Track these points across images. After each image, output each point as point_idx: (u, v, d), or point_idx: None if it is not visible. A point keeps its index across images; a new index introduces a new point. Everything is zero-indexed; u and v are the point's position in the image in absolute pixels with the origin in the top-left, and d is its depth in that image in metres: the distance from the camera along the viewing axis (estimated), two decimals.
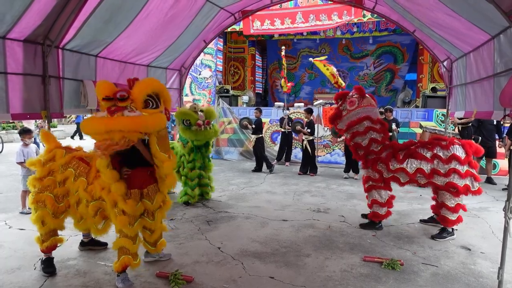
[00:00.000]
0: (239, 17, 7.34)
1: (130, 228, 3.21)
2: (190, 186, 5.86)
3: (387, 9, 6.29)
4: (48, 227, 3.47)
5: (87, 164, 3.44)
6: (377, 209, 4.66)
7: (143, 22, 5.15)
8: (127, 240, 3.23)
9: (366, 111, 4.55)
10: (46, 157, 3.52)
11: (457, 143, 4.37)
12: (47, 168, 3.45)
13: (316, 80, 15.07)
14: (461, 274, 3.60)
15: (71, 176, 3.40)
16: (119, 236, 3.27)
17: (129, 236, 3.23)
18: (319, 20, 9.81)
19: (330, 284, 3.36)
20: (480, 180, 4.36)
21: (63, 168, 3.43)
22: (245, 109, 11.06)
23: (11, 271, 3.57)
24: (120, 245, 3.23)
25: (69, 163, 3.45)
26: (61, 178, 3.42)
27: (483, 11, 3.38)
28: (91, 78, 5.04)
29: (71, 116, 23.99)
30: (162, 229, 3.70)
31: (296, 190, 7.04)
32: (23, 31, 3.86)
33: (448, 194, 4.32)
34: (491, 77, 3.99)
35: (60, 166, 3.45)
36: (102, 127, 2.88)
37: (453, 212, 4.34)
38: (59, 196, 3.43)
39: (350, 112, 4.60)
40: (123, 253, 3.23)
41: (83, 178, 3.36)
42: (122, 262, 3.21)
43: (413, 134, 9.24)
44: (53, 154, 3.53)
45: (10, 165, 9.11)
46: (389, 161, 4.48)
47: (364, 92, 4.68)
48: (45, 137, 3.67)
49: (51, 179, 3.43)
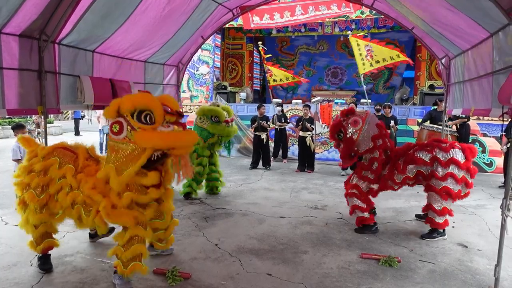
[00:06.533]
0: (237, 13, 7.29)
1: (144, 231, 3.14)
2: (197, 180, 5.98)
3: (386, 5, 6.27)
4: (39, 231, 3.38)
5: (72, 153, 3.35)
6: (360, 214, 4.56)
7: (140, 17, 5.11)
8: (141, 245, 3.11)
9: (370, 121, 4.48)
10: (27, 157, 3.41)
11: (457, 146, 4.31)
12: (28, 166, 3.34)
13: (314, 77, 15.06)
14: (458, 271, 3.61)
15: (55, 163, 3.26)
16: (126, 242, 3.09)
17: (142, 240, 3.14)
18: (319, 10, 9.79)
19: (327, 281, 3.37)
20: (472, 187, 4.31)
21: (44, 159, 3.30)
22: (242, 106, 11.03)
23: (8, 267, 3.55)
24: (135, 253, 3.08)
25: (51, 153, 3.33)
26: (41, 167, 3.26)
27: (482, 8, 3.36)
28: (88, 73, 5.00)
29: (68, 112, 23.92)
30: (174, 223, 3.76)
31: (294, 187, 7.05)
32: (19, 26, 3.81)
33: (437, 196, 4.27)
34: (489, 75, 3.99)
35: (40, 159, 3.31)
36: (190, 138, 3.05)
37: (440, 215, 4.28)
38: (39, 186, 3.26)
39: (361, 132, 4.42)
40: (135, 259, 3.09)
41: (71, 165, 3.26)
42: (133, 269, 3.08)
43: (411, 131, 9.26)
44: (34, 153, 3.40)
45: (6, 161, 9.05)
46: (393, 176, 4.44)
47: (354, 109, 4.69)
48: (24, 142, 3.51)
49: (31, 175, 3.29)
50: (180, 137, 2.96)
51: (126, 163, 2.92)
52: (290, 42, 14.86)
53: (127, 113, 2.90)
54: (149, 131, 2.87)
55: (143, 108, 2.88)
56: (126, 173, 2.91)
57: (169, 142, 2.89)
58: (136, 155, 2.90)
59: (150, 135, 2.86)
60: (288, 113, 10.23)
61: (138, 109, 2.88)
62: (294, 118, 9.83)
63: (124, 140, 2.93)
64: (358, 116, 4.49)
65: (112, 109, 2.95)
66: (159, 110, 2.89)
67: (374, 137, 4.41)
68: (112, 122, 2.97)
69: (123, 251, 3.07)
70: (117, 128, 2.93)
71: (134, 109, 2.88)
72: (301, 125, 8.61)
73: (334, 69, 14.92)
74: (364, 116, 4.49)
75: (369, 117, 4.50)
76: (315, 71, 15.08)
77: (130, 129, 2.90)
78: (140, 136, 2.85)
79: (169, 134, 2.90)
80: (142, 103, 2.89)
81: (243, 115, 10.63)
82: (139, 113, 2.88)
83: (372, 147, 4.42)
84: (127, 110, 2.90)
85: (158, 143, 2.88)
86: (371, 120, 4.49)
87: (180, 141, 2.94)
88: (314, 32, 12.98)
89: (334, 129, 4.68)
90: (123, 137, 2.93)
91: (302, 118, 8.70)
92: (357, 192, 4.54)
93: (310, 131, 8.60)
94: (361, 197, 4.53)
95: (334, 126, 4.70)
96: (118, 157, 2.97)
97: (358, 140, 4.44)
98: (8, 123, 15.95)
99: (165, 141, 2.88)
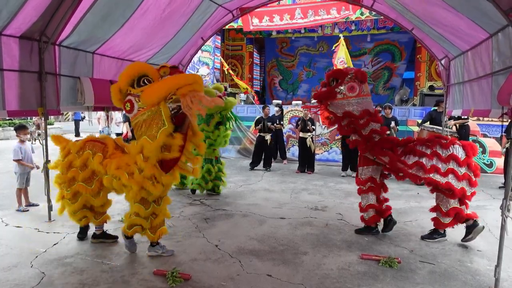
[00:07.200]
0: (237, 14, 7.31)
1: (144, 211, 3.54)
2: (206, 180, 6.14)
3: (386, 6, 6.28)
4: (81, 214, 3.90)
5: (101, 143, 3.72)
6: (373, 213, 4.48)
7: (140, 19, 5.13)
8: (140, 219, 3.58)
9: (366, 101, 4.29)
10: (62, 154, 3.79)
11: (457, 143, 4.20)
12: (66, 162, 3.71)
13: (314, 78, 15.08)
14: (458, 271, 3.61)
15: (89, 156, 3.64)
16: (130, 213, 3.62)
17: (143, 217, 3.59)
18: (318, 15, 9.82)
19: (327, 282, 3.37)
20: (476, 185, 4.18)
21: (78, 155, 3.68)
22: (242, 107, 11.04)
23: (8, 268, 3.54)
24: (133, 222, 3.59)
25: (84, 147, 3.70)
26: (81, 162, 3.66)
27: (482, 9, 3.38)
28: (88, 75, 5.02)
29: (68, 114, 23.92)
30: (166, 215, 3.87)
31: (294, 188, 7.04)
32: (20, 27, 3.83)
33: (443, 197, 4.20)
34: (489, 76, 3.99)
35: (75, 154, 3.69)
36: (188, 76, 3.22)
37: (446, 216, 4.21)
38: (87, 179, 3.71)
39: (349, 99, 4.20)
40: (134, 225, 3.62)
41: (100, 153, 3.61)
42: (134, 231, 3.64)
43: (411, 132, 9.26)
44: (68, 149, 3.76)
45: (7, 162, 9.05)
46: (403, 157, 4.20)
47: (366, 78, 4.29)
48: (54, 140, 3.92)
49: (74, 171, 3.68)
50: (178, 77, 3.14)
51: (152, 128, 3.19)
52: (290, 43, 14.88)
53: (129, 88, 3.20)
54: (150, 88, 3.13)
55: (138, 74, 3.17)
56: (159, 135, 3.16)
57: (169, 85, 3.08)
58: (156, 116, 3.15)
59: (151, 89, 3.11)
60: (288, 114, 10.24)
61: (134, 78, 3.18)
62: (294, 119, 9.83)
63: (139, 112, 3.22)
64: (358, 85, 4.21)
65: (114, 93, 3.28)
66: (151, 69, 3.19)
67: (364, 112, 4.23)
68: (123, 103, 3.27)
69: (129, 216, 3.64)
70: (129, 106, 3.24)
71: (131, 80, 3.19)
72: (301, 126, 8.63)
73: None
74: (365, 94, 4.25)
75: (368, 97, 4.34)
76: (315, 72, 15.09)
77: (138, 100, 3.19)
78: (145, 96, 3.10)
79: (167, 79, 3.13)
80: (134, 72, 3.20)
81: (243, 116, 10.63)
82: (137, 81, 3.17)
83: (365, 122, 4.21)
84: (126, 85, 3.21)
85: (160, 91, 3.09)
86: (369, 102, 4.34)
87: (179, 79, 3.10)
88: (314, 33, 13.01)
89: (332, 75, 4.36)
90: (138, 110, 3.23)
91: (302, 119, 8.71)
92: (373, 185, 4.40)
93: (310, 132, 8.61)
94: (377, 189, 4.40)
95: (333, 73, 4.40)
96: (143, 129, 3.25)
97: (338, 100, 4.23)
98: (9, 124, 15.97)
99: (166, 86, 3.09)
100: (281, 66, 15.46)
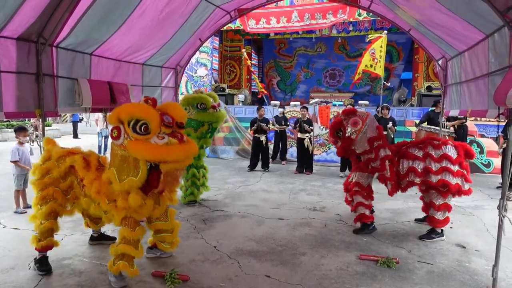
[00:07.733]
0: (235, 15, 7.32)
1: (132, 233, 3.16)
2: (197, 186, 5.85)
3: (383, 7, 6.30)
4: (45, 226, 3.46)
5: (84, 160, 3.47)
6: (363, 210, 4.59)
7: (138, 20, 5.12)
8: (128, 246, 3.17)
9: (370, 123, 4.50)
10: (42, 158, 3.59)
11: (450, 143, 4.35)
12: (45, 168, 3.48)
13: (312, 79, 15.11)
14: (456, 271, 3.62)
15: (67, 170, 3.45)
16: (118, 242, 3.22)
17: (131, 242, 3.18)
18: (314, 19, 9.83)
19: (326, 283, 3.37)
20: (471, 182, 4.29)
21: (59, 163, 3.46)
22: (241, 108, 11.05)
23: (5, 270, 3.54)
24: (120, 251, 3.17)
25: (65, 156, 3.48)
26: (61, 172, 3.44)
27: (478, 10, 3.39)
28: (86, 76, 5.01)
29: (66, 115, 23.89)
30: (178, 225, 3.76)
31: (292, 189, 7.05)
32: (17, 29, 3.82)
33: (436, 193, 4.29)
34: (485, 76, 4.01)
35: (55, 162, 3.48)
36: (182, 153, 2.92)
37: (438, 210, 4.29)
38: (65, 189, 3.48)
39: (361, 131, 4.47)
40: (120, 258, 3.18)
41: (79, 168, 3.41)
42: (117, 268, 3.18)
43: (409, 132, 9.28)
44: (49, 154, 3.56)
45: (5, 164, 9.02)
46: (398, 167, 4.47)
47: (355, 110, 4.69)
48: (45, 143, 3.75)
49: (51, 177, 3.44)
50: (172, 151, 2.89)
51: (125, 169, 3.03)
52: (288, 44, 14.91)
53: (125, 121, 2.96)
54: (141, 142, 2.89)
55: (140, 118, 2.90)
56: (128, 185, 3.02)
57: (158, 156, 2.89)
58: (133, 163, 3.00)
59: (141, 146, 2.88)
60: (286, 115, 10.25)
61: (134, 118, 2.91)
62: (292, 120, 9.84)
63: (121, 147, 3.02)
64: (358, 117, 4.52)
65: (113, 115, 3.03)
66: (155, 121, 2.89)
67: (371, 139, 4.43)
68: (112, 128, 3.03)
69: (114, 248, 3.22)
70: (116, 134, 3.01)
71: (131, 118, 2.91)
72: (299, 127, 8.62)
73: (332, 71, 14.97)
74: (365, 118, 4.52)
75: (369, 119, 4.53)
76: (313, 72, 15.12)
77: (126, 137, 2.96)
78: (132, 146, 2.90)
79: (159, 148, 2.88)
80: (139, 113, 2.91)
81: (241, 117, 10.64)
82: (135, 123, 2.90)
83: (369, 149, 4.44)
84: (125, 118, 2.95)
85: (146, 155, 2.90)
86: (370, 122, 4.52)
87: (170, 155, 2.88)
88: (312, 34, 13.02)
89: (335, 126, 4.73)
90: (121, 143, 3.01)
91: (300, 120, 8.72)
92: (359, 189, 4.61)
93: (308, 133, 8.62)
94: (363, 192, 4.61)
95: (334, 124, 4.75)
96: (118, 162, 3.08)
97: (356, 140, 4.48)
98: (6, 126, 15.92)
99: (154, 154, 2.89)
100: (279, 67, 15.49)
